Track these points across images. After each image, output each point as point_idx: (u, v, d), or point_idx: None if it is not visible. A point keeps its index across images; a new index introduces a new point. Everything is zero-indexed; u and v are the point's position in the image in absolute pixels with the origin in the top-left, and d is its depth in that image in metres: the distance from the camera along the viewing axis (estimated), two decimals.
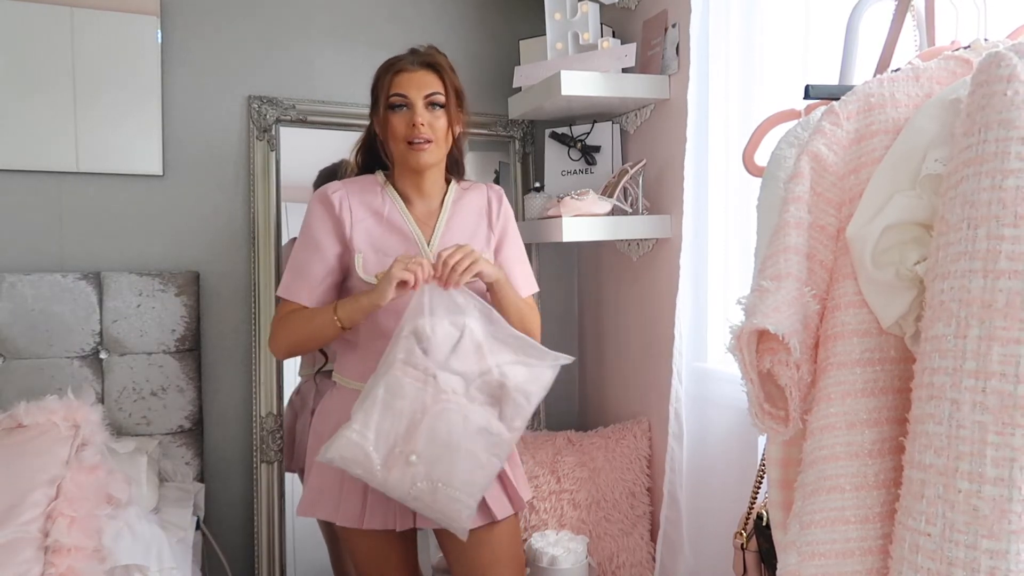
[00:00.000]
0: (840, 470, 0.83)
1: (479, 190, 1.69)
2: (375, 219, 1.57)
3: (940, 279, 0.73)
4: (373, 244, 1.55)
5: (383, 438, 1.36)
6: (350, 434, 1.35)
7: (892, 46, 1.16)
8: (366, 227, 1.56)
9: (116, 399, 2.03)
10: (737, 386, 0.89)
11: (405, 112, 1.52)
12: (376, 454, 1.36)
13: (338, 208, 1.56)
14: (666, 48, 2.06)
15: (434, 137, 1.52)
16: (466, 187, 1.69)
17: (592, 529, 2.11)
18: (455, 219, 1.62)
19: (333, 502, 1.54)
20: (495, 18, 2.50)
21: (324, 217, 1.57)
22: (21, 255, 2.04)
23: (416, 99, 1.51)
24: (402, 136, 1.52)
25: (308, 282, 1.56)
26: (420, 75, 1.53)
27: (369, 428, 1.36)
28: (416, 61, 1.55)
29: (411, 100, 1.51)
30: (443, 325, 1.40)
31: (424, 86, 1.52)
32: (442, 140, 1.55)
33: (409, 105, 1.51)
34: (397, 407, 1.36)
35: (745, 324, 0.83)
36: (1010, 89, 0.70)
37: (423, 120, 1.50)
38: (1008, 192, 0.69)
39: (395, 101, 1.52)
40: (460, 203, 1.65)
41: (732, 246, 1.81)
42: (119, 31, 2.08)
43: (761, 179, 1.09)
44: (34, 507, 1.47)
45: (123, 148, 2.10)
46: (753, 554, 1.30)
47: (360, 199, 1.58)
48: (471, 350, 1.41)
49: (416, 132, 1.50)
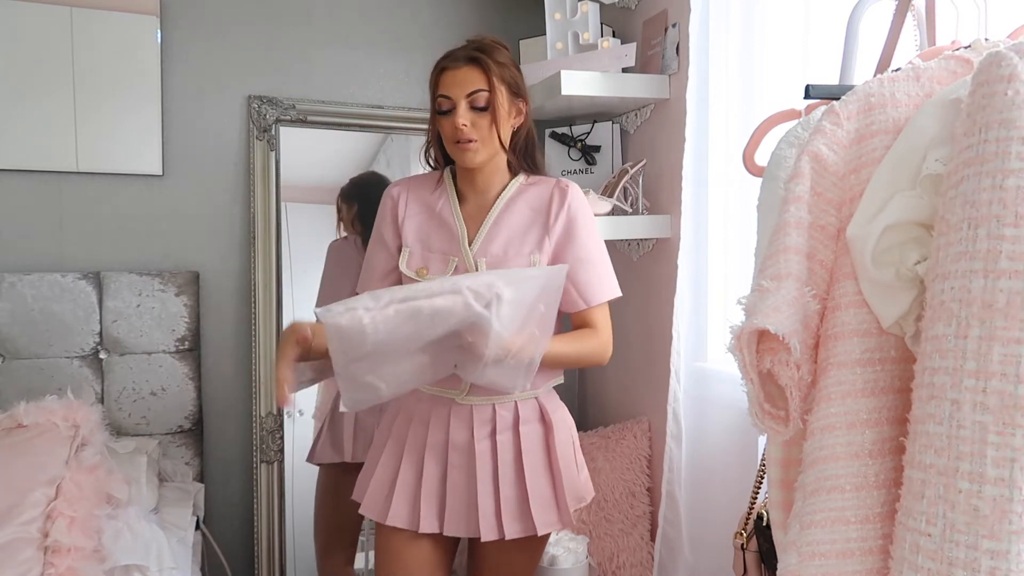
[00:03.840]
0: (840, 470, 0.83)
1: (545, 185, 1.58)
2: (427, 214, 1.56)
3: (941, 279, 0.73)
4: (420, 239, 1.54)
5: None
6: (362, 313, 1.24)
7: (892, 46, 1.16)
8: (418, 222, 1.55)
9: (116, 399, 2.03)
10: (737, 386, 0.89)
11: (450, 112, 1.47)
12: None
13: (396, 202, 1.57)
14: (666, 48, 2.06)
15: (478, 136, 1.46)
16: (532, 182, 1.58)
17: (592, 529, 2.11)
18: (505, 217, 1.54)
19: (375, 492, 1.54)
20: (495, 18, 2.50)
21: (385, 213, 1.58)
22: (21, 255, 2.04)
23: (459, 99, 1.46)
24: (449, 136, 1.48)
25: (373, 276, 1.58)
26: (464, 72, 1.46)
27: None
28: (462, 56, 1.48)
29: (454, 100, 1.46)
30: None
31: (467, 84, 1.46)
32: (488, 137, 1.48)
33: (453, 105, 1.46)
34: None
35: (745, 324, 0.83)
36: (1011, 89, 0.69)
37: (464, 121, 1.45)
38: (1009, 192, 0.69)
39: (440, 103, 1.48)
40: (518, 200, 1.56)
41: (732, 246, 1.81)
42: (119, 31, 2.08)
43: (761, 179, 1.09)
44: (34, 507, 1.47)
45: (123, 148, 2.10)
46: (753, 554, 1.29)
47: (417, 195, 1.58)
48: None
49: (459, 133, 1.46)
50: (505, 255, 1.50)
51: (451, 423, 1.51)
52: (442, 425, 1.52)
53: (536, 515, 1.50)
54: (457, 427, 1.51)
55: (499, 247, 1.51)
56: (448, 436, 1.51)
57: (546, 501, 1.52)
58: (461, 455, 1.51)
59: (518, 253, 1.51)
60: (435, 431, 1.52)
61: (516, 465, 1.51)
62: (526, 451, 1.51)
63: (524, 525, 1.50)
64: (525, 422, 1.52)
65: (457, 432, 1.51)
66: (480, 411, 1.51)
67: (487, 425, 1.51)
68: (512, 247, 1.51)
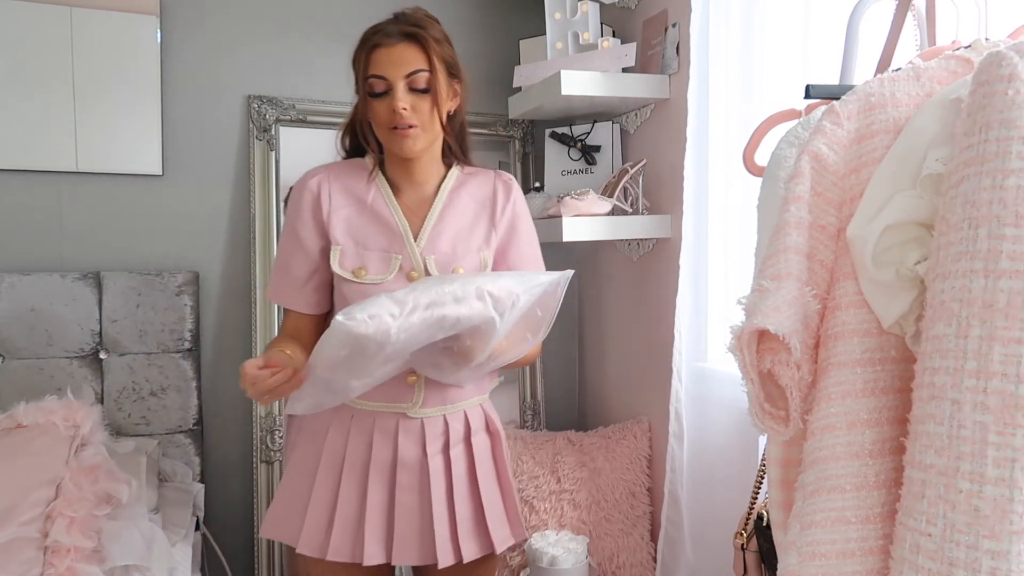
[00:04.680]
0: (841, 470, 0.83)
1: (485, 177, 1.48)
2: (357, 207, 1.39)
3: (941, 279, 0.73)
4: (353, 236, 1.38)
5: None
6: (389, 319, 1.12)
7: (893, 45, 1.16)
8: (346, 216, 1.38)
9: (116, 399, 2.03)
10: (737, 386, 0.89)
11: (385, 94, 1.33)
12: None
13: (317, 195, 1.39)
14: (666, 48, 2.06)
15: (418, 121, 1.33)
16: (471, 173, 1.48)
17: (592, 529, 2.11)
18: (450, 210, 1.42)
19: (296, 523, 1.37)
20: (495, 18, 2.49)
21: (302, 207, 1.39)
22: (21, 255, 2.04)
23: (396, 80, 1.31)
24: (384, 121, 1.34)
25: (293, 283, 1.40)
26: (400, 50, 1.31)
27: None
28: (395, 32, 1.33)
29: (390, 81, 1.31)
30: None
31: (404, 63, 1.31)
32: (429, 123, 1.35)
33: (389, 87, 1.32)
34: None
35: (745, 324, 0.83)
36: (1011, 88, 0.69)
37: (404, 104, 1.31)
38: (1009, 192, 0.69)
39: (373, 84, 1.33)
40: (459, 192, 1.45)
41: (732, 246, 1.81)
42: (119, 31, 2.08)
43: (761, 179, 1.09)
44: (34, 507, 1.47)
45: (123, 148, 2.10)
46: (753, 554, 1.29)
47: (343, 184, 1.41)
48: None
49: (398, 118, 1.32)
50: (454, 252, 1.40)
51: (399, 439, 1.36)
52: (388, 442, 1.37)
53: (493, 532, 1.41)
54: (407, 443, 1.37)
55: (447, 243, 1.40)
56: (396, 454, 1.36)
57: (500, 516, 1.44)
58: (412, 474, 1.37)
59: (467, 249, 1.41)
60: (380, 448, 1.36)
61: (470, 480, 1.41)
62: (479, 464, 1.42)
63: (481, 544, 1.40)
64: (476, 432, 1.43)
65: (407, 449, 1.37)
66: (432, 424, 1.38)
67: (439, 439, 1.39)
68: (461, 243, 1.41)
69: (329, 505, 1.36)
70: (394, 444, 1.37)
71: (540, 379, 2.53)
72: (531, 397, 2.52)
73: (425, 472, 1.37)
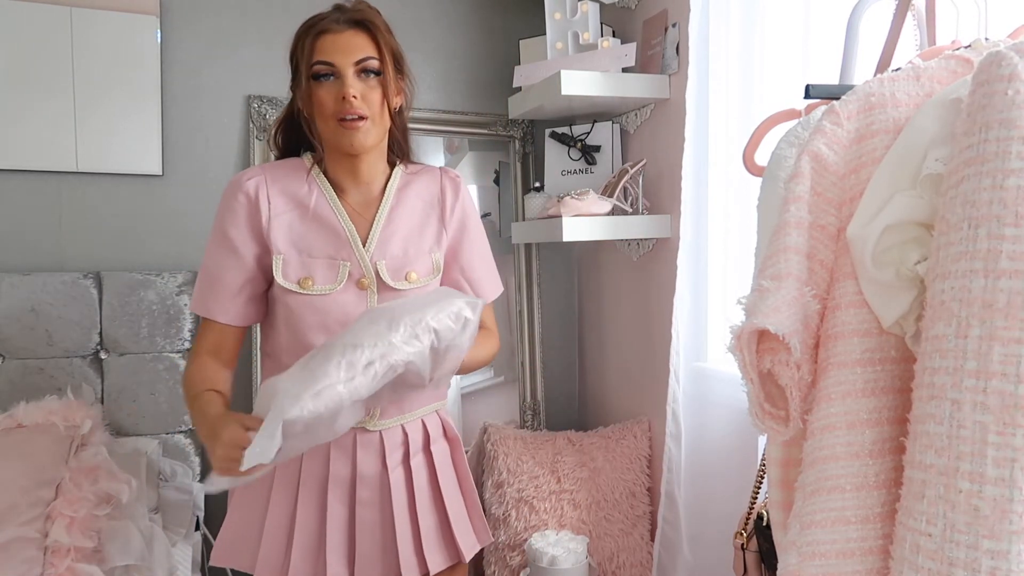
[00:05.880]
0: (841, 470, 0.83)
1: (431, 175, 1.42)
2: (299, 212, 1.30)
3: (941, 279, 0.73)
4: (296, 243, 1.29)
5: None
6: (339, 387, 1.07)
7: (892, 45, 1.16)
8: (287, 222, 1.29)
9: (116, 399, 2.03)
10: (737, 386, 0.89)
11: (332, 83, 1.25)
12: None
13: (254, 199, 1.28)
14: (666, 48, 2.06)
15: (369, 113, 1.26)
16: (415, 171, 1.41)
17: (592, 529, 2.11)
18: (399, 211, 1.35)
19: (252, 547, 1.31)
20: (495, 18, 2.49)
21: (237, 212, 1.28)
22: (21, 255, 2.04)
23: (345, 67, 1.24)
24: (331, 112, 1.26)
25: (224, 294, 1.28)
26: (348, 36, 1.25)
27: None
28: (343, 19, 1.27)
29: (339, 68, 1.24)
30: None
31: (353, 50, 1.25)
32: (379, 115, 1.28)
33: (337, 74, 1.24)
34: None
35: (745, 324, 0.83)
36: (1011, 88, 0.69)
37: (355, 92, 1.24)
38: (1009, 192, 0.69)
39: (319, 70, 1.25)
40: (406, 191, 1.38)
41: (732, 246, 1.81)
42: (119, 31, 2.08)
43: (761, 179, 1.09)
44: (34, 507, 1.47)
45: (123, 148, 2.10)
46: (753, 554, 1.29)
47: (281, 187, 1.30)
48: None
49: (347, 107, 1.24)
50: (405, 255, 1.34)
51: (358, 454, 1.31)
52: (346, 457, 1.31)
53: (460, 540, 1.38)
54: (366, 458, 1.32)
55: (398, 247, 1.33)
56: (355, 469, 1.31)
57: (465, 524, 1.41)
58: (372, 490, 1.32)
59: (418, 252, 1.35)
60: (338, 464, 1.31)
61: (432, 490, 1.38)
62: (440, 473, 1.39)
63: (448, 554, 1.38)
64: (435, 440, 1.40)
65: (366, 463, 1.32)
66: (390, 435, 1.34)
67: (399, 450, 1.35)
68: (411, 246, 1.35)
69: (286, 525, 1.30)
70: (352, 459, 1.32)
71: (540, 379, 2.53)
72: (531, 397, 2.52)
73: (386, 486, 1.33)
